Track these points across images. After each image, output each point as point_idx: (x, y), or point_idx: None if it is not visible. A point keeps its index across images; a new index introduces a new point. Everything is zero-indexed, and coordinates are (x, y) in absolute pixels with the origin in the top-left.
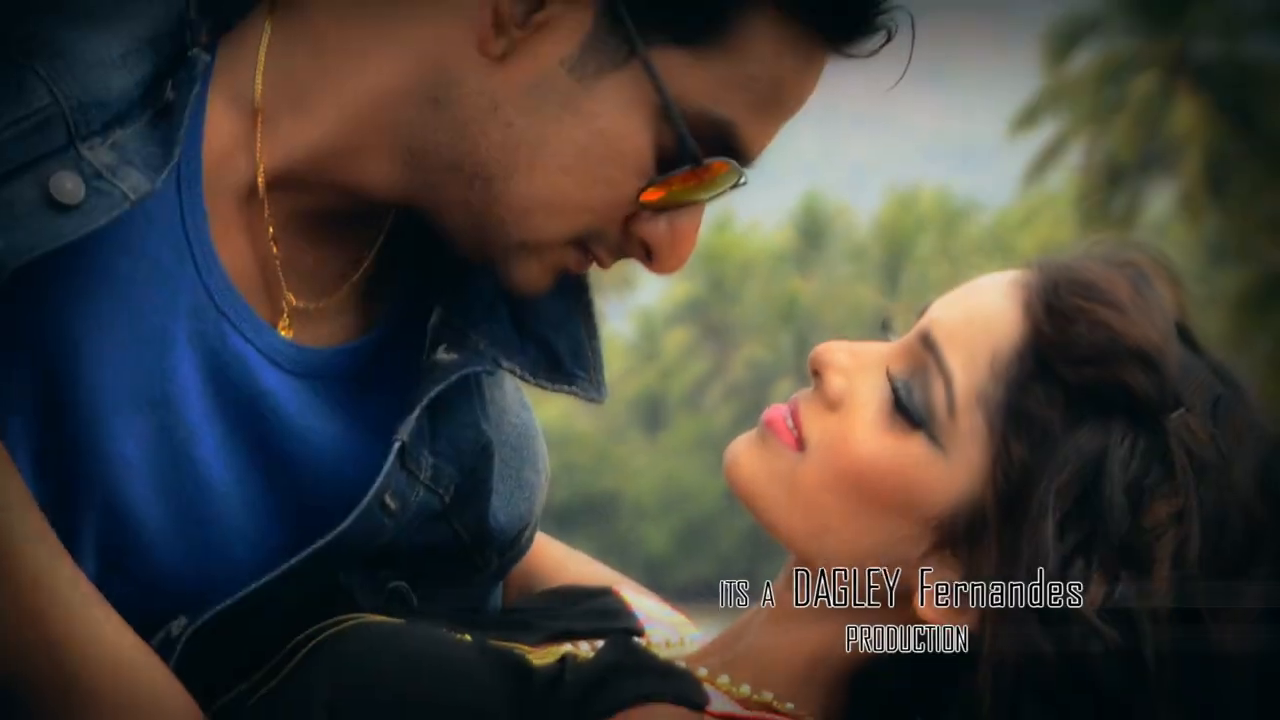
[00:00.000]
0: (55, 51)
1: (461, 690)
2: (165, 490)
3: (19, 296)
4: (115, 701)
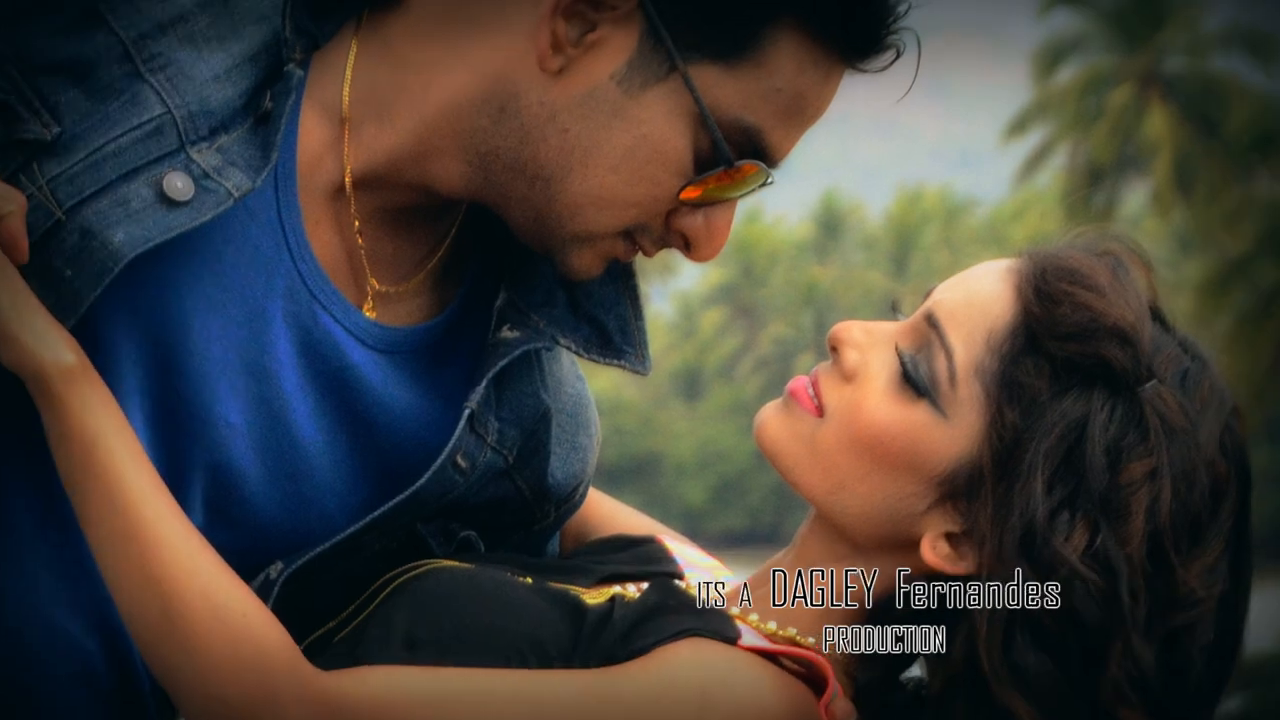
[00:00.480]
0: (168, 67)
1: (524, 624)
2: (264, 450)
3: (136, 281)
4: (210, 630)
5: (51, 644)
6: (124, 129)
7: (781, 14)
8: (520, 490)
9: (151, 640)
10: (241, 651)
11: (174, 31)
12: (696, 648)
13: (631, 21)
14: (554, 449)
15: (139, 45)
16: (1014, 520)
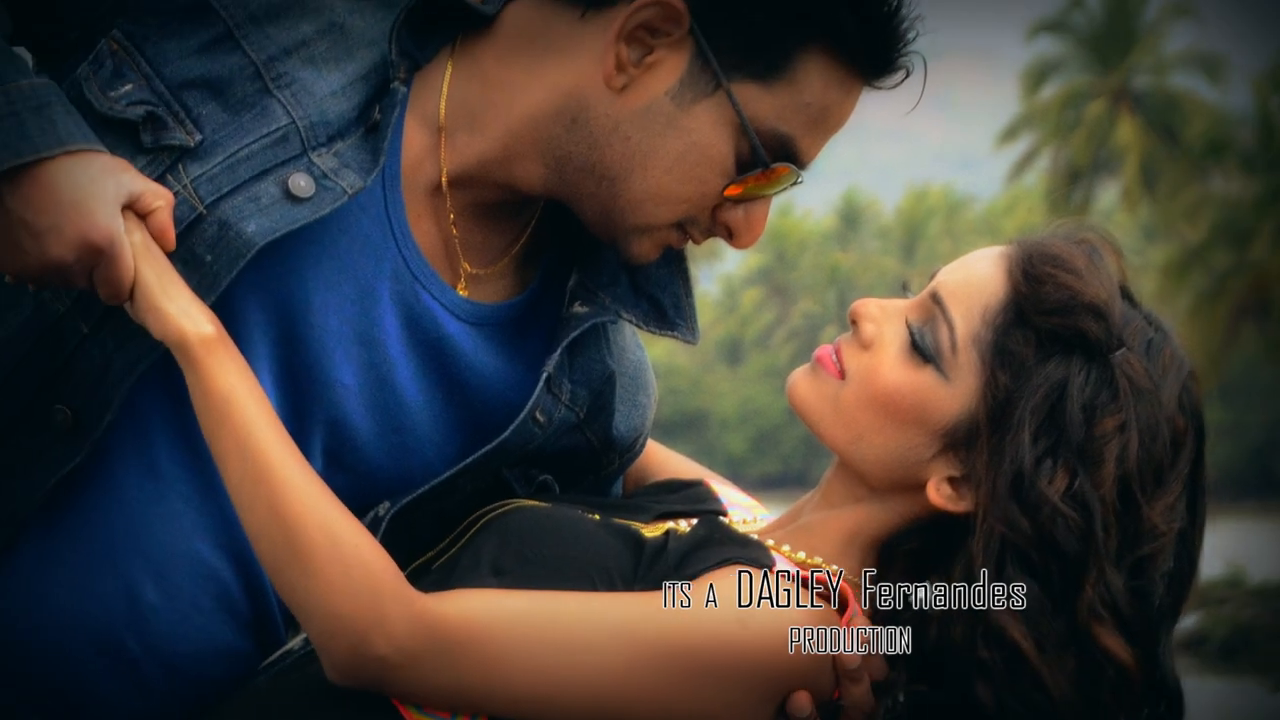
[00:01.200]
0: (293, 85)
1: (592, 553)
2: (373, 408)
3: (265, 265)
4: (328, 559)
5: (194, 573)
6: (255, 136)
7: (811, 40)
8: (589, 441)
9: (278, 568)
10: (354, 577)
11: (298, 55)
12: (738, 573)
13: (683, 46)
14: (617, 406)
15: (268, 66)
16: (1005, 466)
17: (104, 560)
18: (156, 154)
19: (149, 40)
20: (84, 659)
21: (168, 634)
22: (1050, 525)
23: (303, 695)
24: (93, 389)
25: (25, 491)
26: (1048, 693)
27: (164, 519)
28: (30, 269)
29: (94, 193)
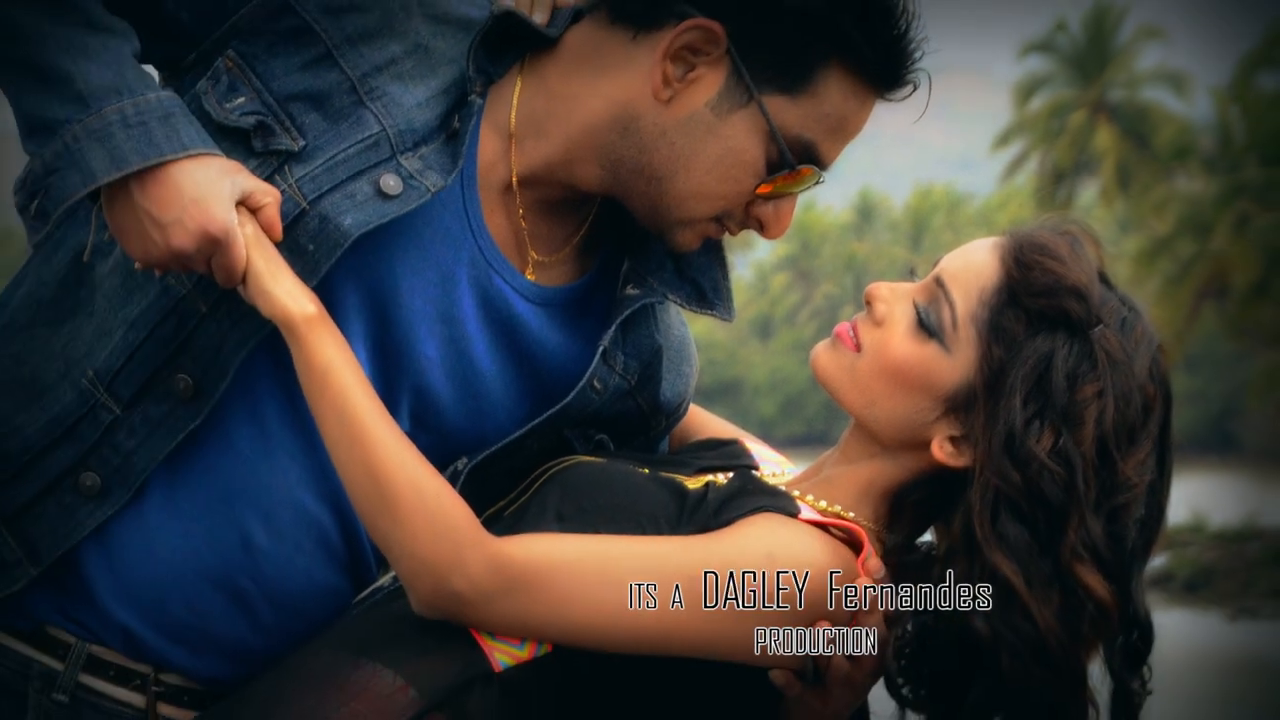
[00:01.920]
0: (384, 97)
1: (642, 502)
2: (453, 377)
3: (360, 253)
4: (410, 504)
5: (298, 520)
6: (351, 142)
7: (830, 58)
8: (639, 406)
9: (371, 516)
10: (436, 524)
11: (387, 71)
12: (768, 519)
13: (720, 64)
14: (664, 376)
15: (362, 81)
16: (999, 427)
17: (220, 509)
18: (266, 157)
19: (259, 59)
20: (203, 595)
21: (275, 573)
22: (1038, 478)
23: (392, 625)
24: (210, 361)
25: (152, 450)
26: (1035, 623)
27: (272, 473)
28: (156, 257)
29: (212, 191)
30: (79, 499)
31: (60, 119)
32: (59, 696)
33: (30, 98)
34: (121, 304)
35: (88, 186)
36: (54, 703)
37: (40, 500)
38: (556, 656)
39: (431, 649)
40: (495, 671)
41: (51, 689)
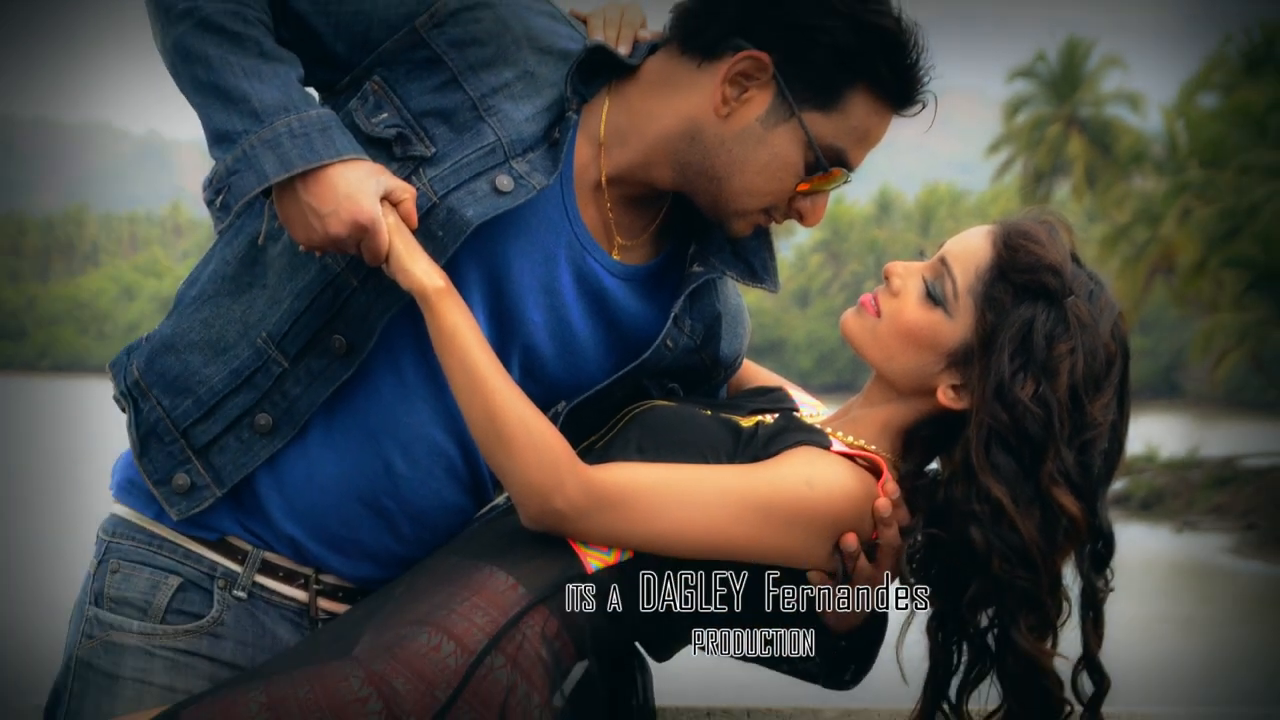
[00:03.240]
0: (499, 113)
1: (706, 436)
2: (554, 337)
3: (480, 237)
4: (521, 439)
5: (430, 451)
6: (472, 149)
7: (857, 83)
8: (704, 360)
9: (489, 449)
10: (541, 454)
11: (502, 93)
12: (806, 451)
13: (768, 87)
14: (723, 336)
15: (481, 101)
16: (991, 377)
17: (367, 443)
18: (404, 162)
19: (399, 83)
20: (353, 512)
21: (412, 495)
22: (1022, 418)
23: (505, 536)
24: (360, 324)
25: (313, 396)
26: (1020, 534)
27: (409, 413)
28: (317, 241)
29: (361, 188)
30: (255, 435)
31: (239, 131)
32: (238, 593)
33: (216, 114)
34: (289, 279)
35: (261, 185)
36: (234, 598)
37: (224, 436)
38: (636, 560)
39: (537, 555)
40: (588, 573)
41: (233, 587)
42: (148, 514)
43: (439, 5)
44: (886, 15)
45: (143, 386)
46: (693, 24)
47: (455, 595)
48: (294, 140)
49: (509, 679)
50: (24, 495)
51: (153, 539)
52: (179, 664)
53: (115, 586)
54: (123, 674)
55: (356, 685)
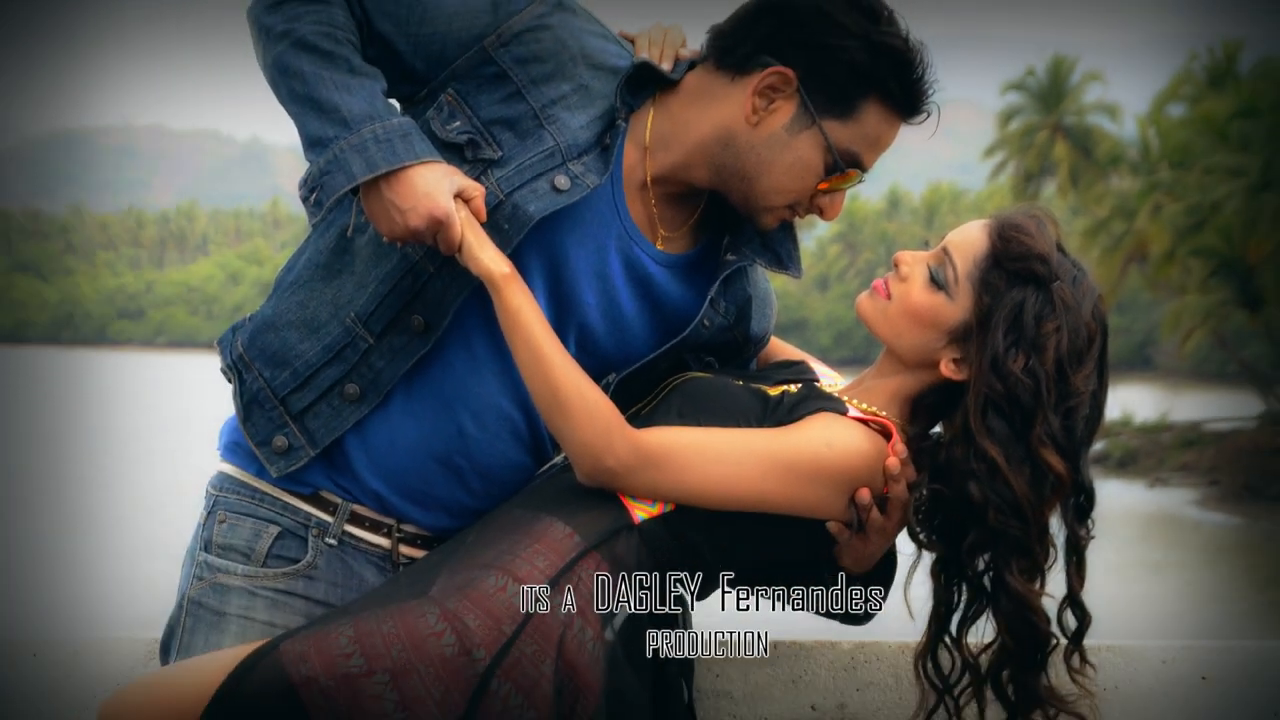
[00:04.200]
0: (557, 122)
1: (738, 404)
2: (605, 317)
3: (541, 230)
4: (574, 405)
5: (497, 417)
6: (534, 153)
7: (871, 95)
8: (736, 337)
9: (548, 414)
10: (594, 418)
11: (560, 104)
12: (825, 417)
13: (793, 99)
14: (753, 316)
15: (542, 111)
16: (987, 352)
17: (442, 410)
18: (474, 164)
19: (470, 95)
20: (430, 470)
21: (481, 454)
22: (1014, 388)
23: (563, 490)
24: (436, 306)
25: (395, 369)
26: (1013, 489)
27: (479, 384)
28: (398, 233)
29: (437, 187)
30: (344, 403)
31: (331, 137)
32: (330, 540)
33: (311, 122)
34: (373, 266)
35: (350, 184)
36: (326, 545)
37: (317, 404)
38: (677, 511)
39: (591, 507)
40: (635, 523)
41: (325, 535)
42: (250, 471)
43: (505, 27)
44: (896, 36)
45: (246, 360)
46: (726, 43)
47: (519, 542)
48: (378, 145)
49: (566, 615)
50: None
51: (255, 493)
52: (278, 602)
53: (222, 535)
54: (229, 611)
55: (433, 621)
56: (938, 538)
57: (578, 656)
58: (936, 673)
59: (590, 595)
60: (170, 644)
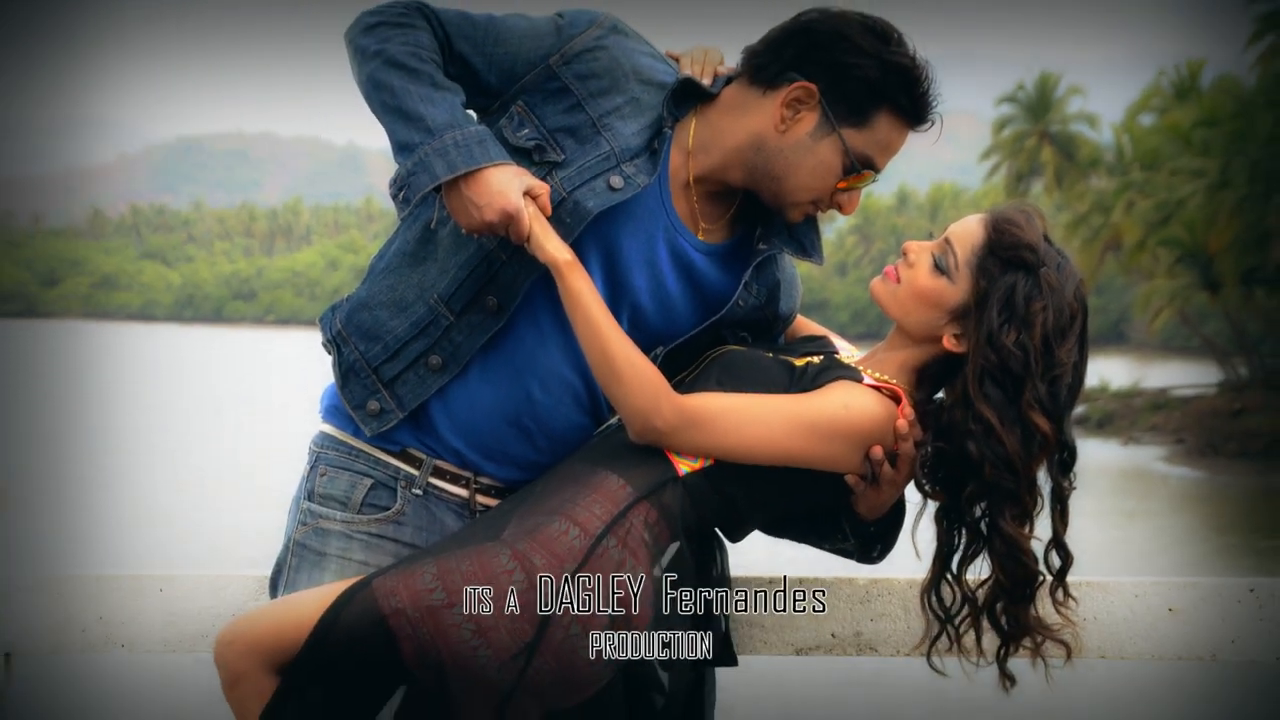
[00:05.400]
0: (611, 130)
1: (768, 373)
2: (654, 297)
3: (598, 223)
4: (627, 374)
5: (561, 384)
6: (592, 156)
7: (883, 107)
8: (767, 315)
9: (605, 381)
10: (644, 385)
11: (614, 114)
12: (844, 384)
13: (815, 110)
14: (781, 297)
15: (599, 120)
16: (983, 328)
17: (513, 378)
18: (540, 165)
19: (537, 106)
20: (502, 430)
21: (547, 416)
22: (1007, 359)
23: (617, 447)
24: (508, 288)
25: (472, 342)
26: (1005, 446)
27: (545, 356)
28: (475, 226)
29: (508, 185)
30: (428, 372)
31: (417, 142)
32: (416, 491)
33: (399, 130)
34: (454, 254)
35: (433, 183)
36: (413, 494)
37: (404, 372)
38: (716, 466)
39: (641, 462)
40: (679, 476)
41: (412, 486)
42: (347, 431)
43: (567, 47)
44: (904, 55)
45: (344, 335)
46: (759, 62)
47: (579, 493)
48: (458, 149)
49: (619, 556)
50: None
51: (351, 450)
52: (371, 544)
53: (323, 486)
54: (329, 552)
55: (505, 560)
56: (941, 488)
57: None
58: (940, 605)
59: (640, 538)
60: (278, 580)
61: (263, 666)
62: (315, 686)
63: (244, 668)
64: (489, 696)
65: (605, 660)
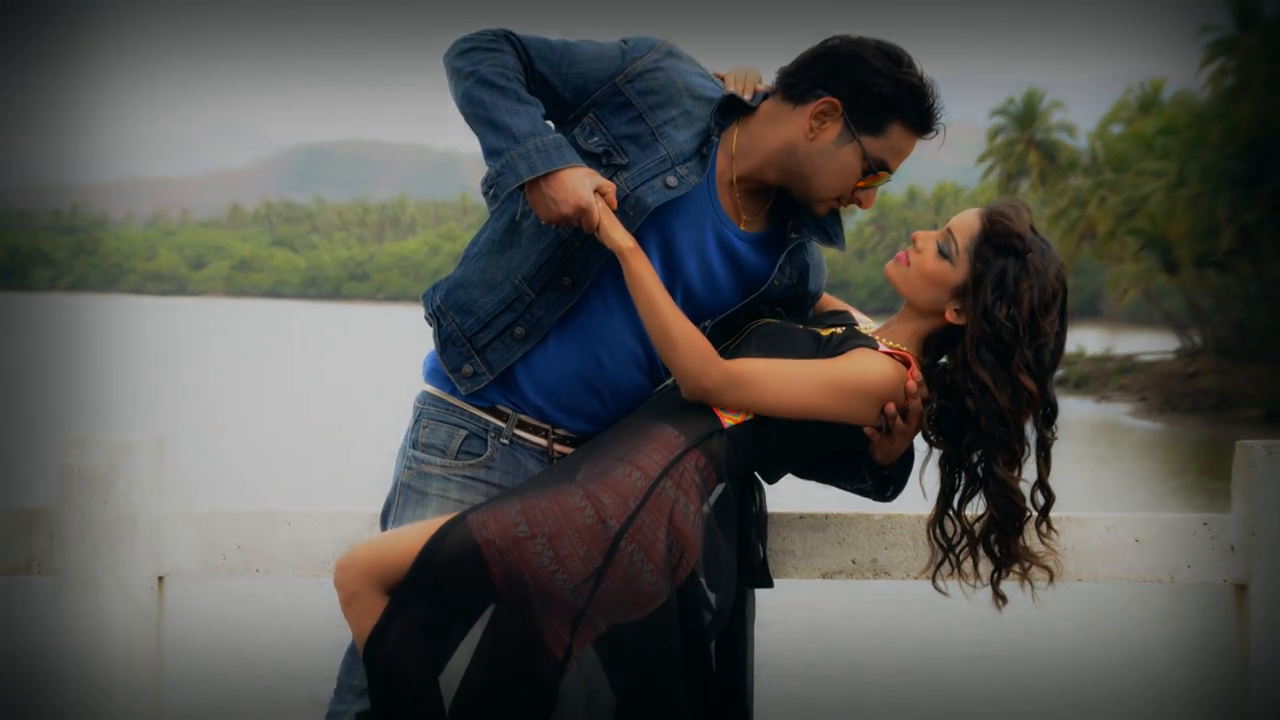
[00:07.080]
0: (667, 138)
1: (799, 342)
2: (703, 279)
3: (656, 216)
4: (680, 343)
5: (625, 352)
6: (651, 160)
7: (895, 118)
8: (798, 294)
9: (662, 348)
10: (695, 352)
11: (670, 124)
12: (862, 351)
13: (839, 121)
14: (810, 278)
15: (656, 130)
16: (980, 304)
17: (585, 347)
18: (608, 168)
19: (605, 118)
20: (576, 389)
21: (614, 378)
22: (1000, 329)
23: (672, 404)
24: (581, 270)
25: (550, 316)
26: (998, 403)
27: (612, 328)
28: (553, 218)
29: (581, 184)
30: (514, 341)
31: (504, 148)
32: (503, 441)
33: (489, 137)
34: (535, 242)
35: (518, 182)
36: (501, 444)
37: (493, 341)
38: (756, 420)
39: (692, 416)
40: (724, 428)
41: (500, 436)
42: (445, 390)
43: (631, 68)
44: (914, 75)
45: (443, 310)
46: (791, 80)
47: (641, 442)
48: (539, 154)
49: (674, 494)
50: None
51: (449, 407)
52: (466, 485)
53: (425, 436)
54: (430, 492)
55: (578, 499)
56: (944, 438)
57: (683, 524)
58: (943, 536)
59: (692, 480)
60: (387, 515)
61: (374, 588)
62: (419, 604)
63: (358, 588)
64: (564, 613)
65: (663, 581)
